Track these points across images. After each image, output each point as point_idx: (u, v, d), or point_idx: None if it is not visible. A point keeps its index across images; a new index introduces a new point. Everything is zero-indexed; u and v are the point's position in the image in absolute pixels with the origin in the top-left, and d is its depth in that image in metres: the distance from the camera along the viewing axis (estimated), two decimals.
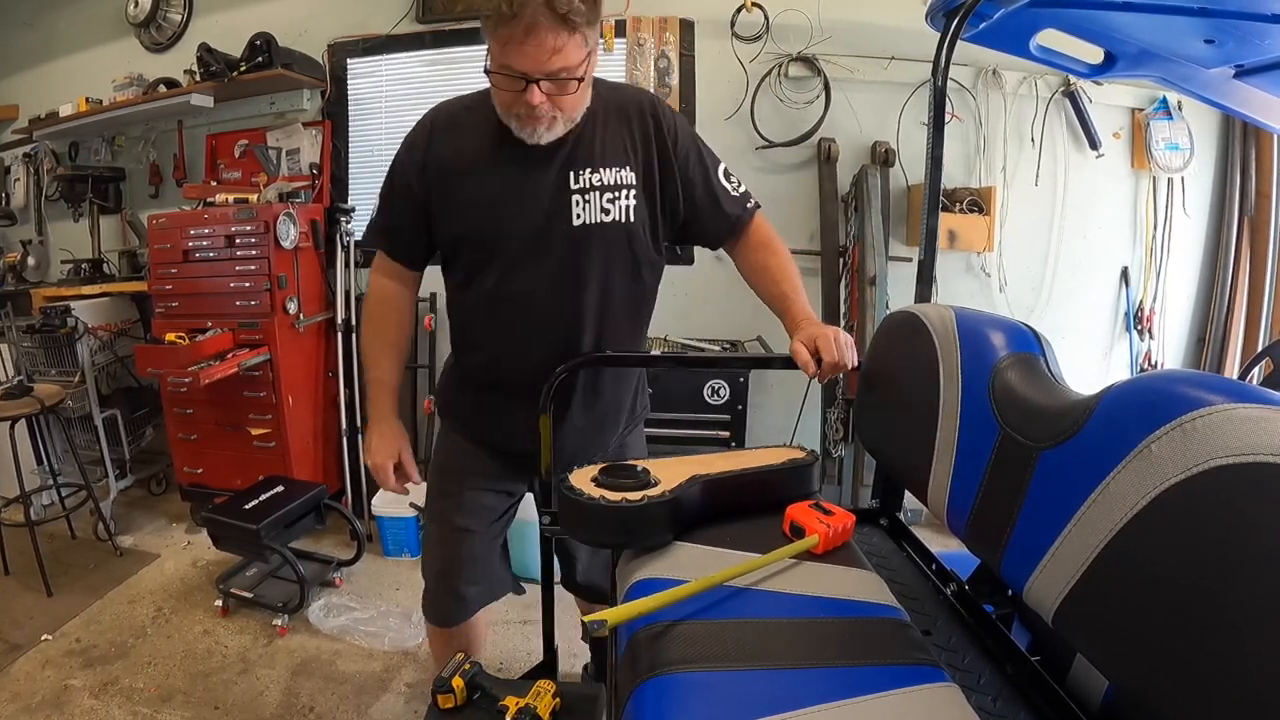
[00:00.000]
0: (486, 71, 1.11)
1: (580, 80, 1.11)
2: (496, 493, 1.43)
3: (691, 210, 1.31)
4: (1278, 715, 0.55)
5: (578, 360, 1.26)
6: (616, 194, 1.23)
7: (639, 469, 1.17)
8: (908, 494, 1.34)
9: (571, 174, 1.21)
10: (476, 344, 1.35)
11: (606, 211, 1.22)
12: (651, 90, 2.88)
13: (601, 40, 2.88)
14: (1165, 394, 0.72)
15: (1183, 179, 2.87)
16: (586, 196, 1.21)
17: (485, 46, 1.11)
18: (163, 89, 3.16)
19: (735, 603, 0.99)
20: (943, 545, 1.31)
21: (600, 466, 1.18)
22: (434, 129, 1.24)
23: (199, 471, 2.93)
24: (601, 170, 1.22)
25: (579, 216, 1.21)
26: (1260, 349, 2.64)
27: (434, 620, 1.48)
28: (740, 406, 2.42)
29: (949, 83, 1.86)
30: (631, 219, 1.24)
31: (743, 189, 1.35)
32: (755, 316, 2.99)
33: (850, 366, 1.19)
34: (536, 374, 1.24)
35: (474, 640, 1.52)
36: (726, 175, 1.34)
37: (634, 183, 1.24)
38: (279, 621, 2.26)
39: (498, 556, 1.48)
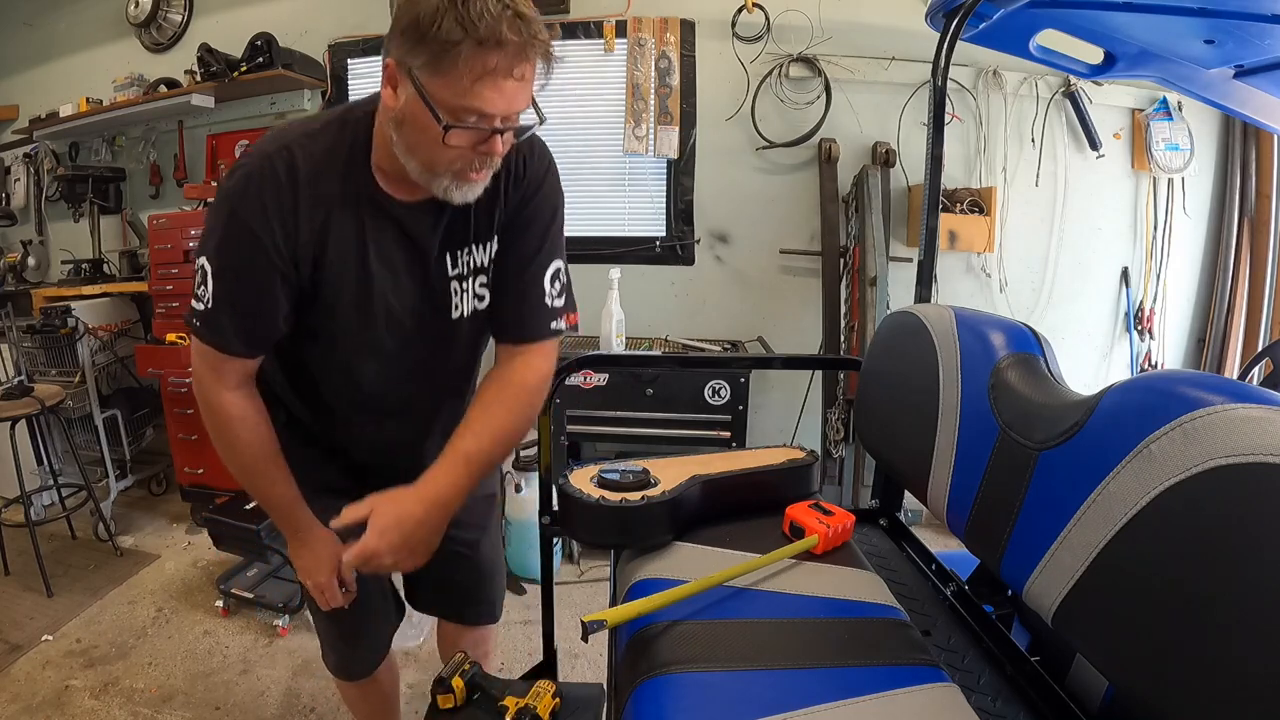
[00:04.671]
0: (446, 127, 0.80)
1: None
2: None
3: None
4: (1276, 715, 0.55)
5: (578, 359, 1.27)
6: (487, 274, 1.02)
7: (639, 469, 1.17)
8: (908, 494, 1.34)
9: (449, 255, 1.00)
10: (305, 411, 1.14)
11: (480, 298, 1.04)
12: (652, 90, 2.88)
13: (602, 41, 2.89)
14: (1165, 394, 0.72)
15: (1183, 179, 2.87)
16: (464, 283, 1.02)
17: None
18: (163, 89, 3.17)
19: (735, 603, 0.99)
20: (943, 545, 1.31)
21: (600, 466, 1.18)
22: (299, 189, 0.89)
23: (200, 472, 2.93)
24: (474, 248, 1.01)
25: (457, 308, 1.03)
26: (1260, 349, 2.64)
27: (344, 676, 1.38)
28: (741, 407, 2.42)
29: (949, 83, 1.87)
30: (493, 299, 1.06)
31: (561, 303, 1.06)
32: (756, 317, 3.00)
33: (386, 569, 0.99)
34: (377, 450, 1.14)
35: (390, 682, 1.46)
36: (556, 276, 1.04)
37: (497, 253, 1.01)
38: (280, 622, 2.25)
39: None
